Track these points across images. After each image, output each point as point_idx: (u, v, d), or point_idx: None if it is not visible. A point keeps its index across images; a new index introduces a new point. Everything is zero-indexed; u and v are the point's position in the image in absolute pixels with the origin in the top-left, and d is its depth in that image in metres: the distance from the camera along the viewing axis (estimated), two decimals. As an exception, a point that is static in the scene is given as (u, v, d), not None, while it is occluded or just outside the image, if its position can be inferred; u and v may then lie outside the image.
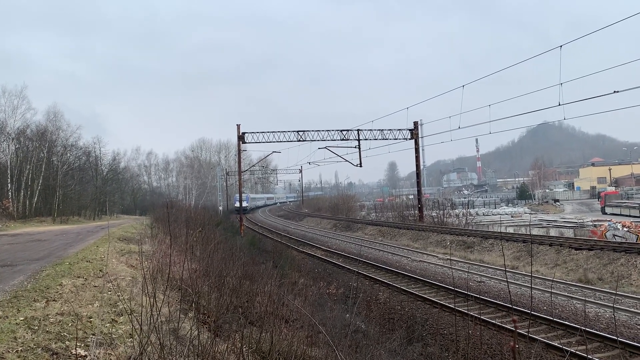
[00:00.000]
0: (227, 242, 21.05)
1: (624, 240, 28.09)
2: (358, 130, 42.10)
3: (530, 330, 11.98)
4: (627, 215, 59.74)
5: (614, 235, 33.59)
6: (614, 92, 20.14)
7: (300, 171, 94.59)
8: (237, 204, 62.71)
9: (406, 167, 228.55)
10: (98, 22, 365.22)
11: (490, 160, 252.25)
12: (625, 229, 36.12)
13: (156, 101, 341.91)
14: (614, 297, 14.92)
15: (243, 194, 59.25)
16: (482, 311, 13.91)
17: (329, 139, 42.39)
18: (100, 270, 11.88)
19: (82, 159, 65.76)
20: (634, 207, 62.96)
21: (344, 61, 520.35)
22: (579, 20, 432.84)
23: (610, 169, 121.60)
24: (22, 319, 7.05)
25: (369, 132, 42.32)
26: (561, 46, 21.11)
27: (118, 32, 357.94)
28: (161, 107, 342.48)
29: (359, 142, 42.07)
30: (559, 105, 22.25)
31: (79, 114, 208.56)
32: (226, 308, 8.97)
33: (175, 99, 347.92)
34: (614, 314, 13.30)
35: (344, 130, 42.33)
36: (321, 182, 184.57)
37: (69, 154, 60.68)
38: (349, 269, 23.23)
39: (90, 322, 7.16)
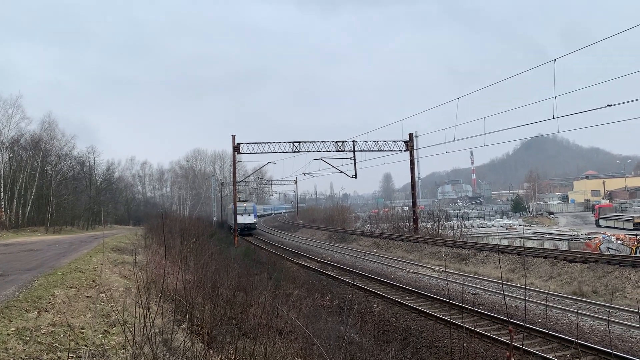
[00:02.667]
0: (221, 253, 20.97)
1: (618, 253, 28.15)
2: (353, 141, 42.25)
3: (525, 342, 11.94)
4: (621, 228, 60.01)
5: (608, 248, 33.69)
6: (608, 105, 20.31)
7: (295, 182, 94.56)
8: (238, 219, 49.00)
9: (401, 179, 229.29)
10: (82, 33, 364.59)
11: (485, 172, 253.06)
12: (619, 242, 36.28)
13: (149, 112, 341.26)
14: (608, 310, 14.92)
15: (249, 204, 53.21)
16: (477, 323, 13.87)
17: (324, 150, 42.51)
18: (93, 281, 11.80)
19: (76, 168, 65.56)
20: (627, 220, 63.26)
21: (335, 73, 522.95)
22: (569, 28, 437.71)
23: (604, 182, 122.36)
24: (13, 329, 6.98)
25: (364, 143, 42.47)
26: (555, 60, 21.30)
27: (103, 43, 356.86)
28: (155, 118, 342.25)
29: (354, 154, 42.19)
30: (554, 118, 22.40)
31: (69, 123, 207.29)
32: (220, 319, 8.91)
33: (169, 110, 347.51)
34: (608, 327, 13.28)
35: (339, 141, 42.45)
36: (316, 193, 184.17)
37: (62, 164, 60.49)
38: (344, 280, 23.16)
39: (83, 333, 7.10)
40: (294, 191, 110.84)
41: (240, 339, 7.19)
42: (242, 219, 50.94)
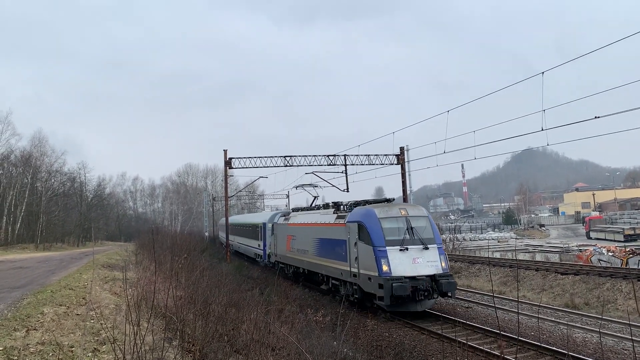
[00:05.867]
0: (213, 269, 20.84)
1: (609, 265, 28.27)
2: (345, 155, 42.23)
3: (518, 356, 11.92)
4: (611, 240, 60.30)
5: (599, 260, 33.78)
6: (595, 117, 20.50)
7: (287, 196, 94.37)
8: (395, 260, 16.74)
9: (393, 192, 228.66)
10: (59, 50, 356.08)
11: (476, 185, 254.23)
12: (610, 254, 36.39)
13: (139, 128, 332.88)
14: (600, 322, 14.94)
15: (416, 212, 34.61)
16: (469, 337, 13.84)
17: (316, 164, 42.36)
18: (83, 298, 11.68)
19: (66, 184, 65.22)
20: (618, 232, 63.60)
21: (323, 88, 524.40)
22: (552, 41, 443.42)
23: (594, 194, 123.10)
24: (1, 348, 6.88)
25: (355, 157, 42.46)
26: (543, 73, 21.50)
27: (81, 60, 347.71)
28: (145, 134, 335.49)
29: (345, 167, 42.12)
30: (542, 130, 22.55)
31: (56, 141, 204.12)
32: (212, 336, 8.83)
33: (158, 126, 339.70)
34: (600, 339, 13.30)
35: (330, 155, 42.45)
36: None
37: (53, 180, 60.19)
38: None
39: (72, 351, 7.01)
40: (286, 205, 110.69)
41: (232, 356, 7.14)
42: (409, 263, 16.36)
